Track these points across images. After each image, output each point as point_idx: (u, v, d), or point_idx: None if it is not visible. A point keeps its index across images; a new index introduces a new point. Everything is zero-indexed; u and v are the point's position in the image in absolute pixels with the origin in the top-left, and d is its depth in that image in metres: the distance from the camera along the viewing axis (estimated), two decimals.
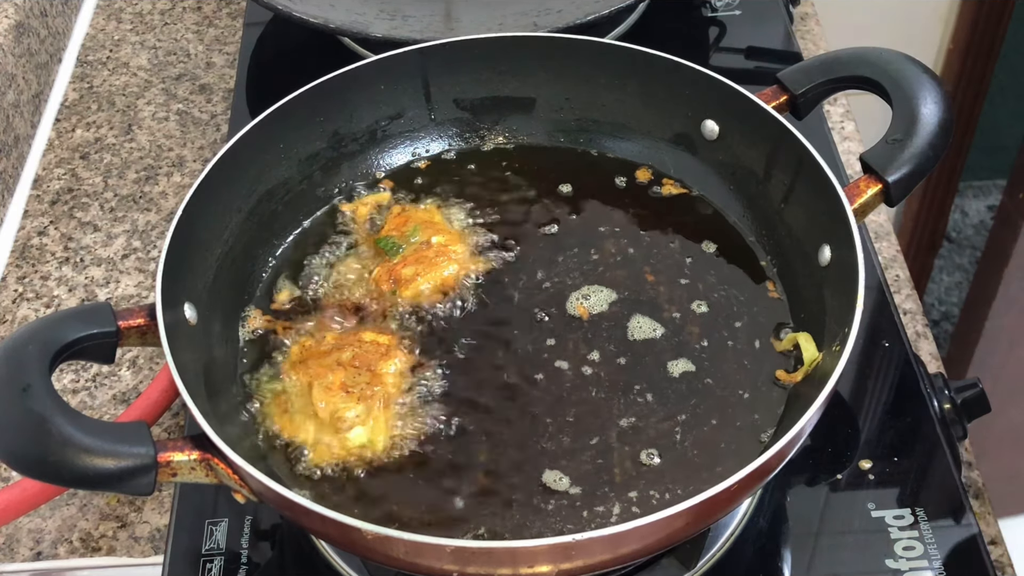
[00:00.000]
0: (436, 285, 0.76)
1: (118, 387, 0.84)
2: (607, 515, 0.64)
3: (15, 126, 1.01)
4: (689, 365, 0.71)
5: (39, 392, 0.57)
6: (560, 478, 0.65)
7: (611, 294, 0.75)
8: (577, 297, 0.75)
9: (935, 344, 0.85)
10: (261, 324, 0.74)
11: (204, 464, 0.60)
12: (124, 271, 0.92)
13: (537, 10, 0.98)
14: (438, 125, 0.86)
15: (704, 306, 0.74)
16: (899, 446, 0.73)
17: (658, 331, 0.73)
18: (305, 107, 0.79)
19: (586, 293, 0.75)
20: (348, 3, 1.00)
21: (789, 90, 0.76)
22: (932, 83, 0.73)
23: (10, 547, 0.75)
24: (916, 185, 0.71)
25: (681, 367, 0.71)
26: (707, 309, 0.74)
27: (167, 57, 1.13)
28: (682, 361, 0.71)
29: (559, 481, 0.65)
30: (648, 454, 0.66)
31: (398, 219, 0.80)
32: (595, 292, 0.75)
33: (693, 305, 0.74)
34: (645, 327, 0.73)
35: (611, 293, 0.75)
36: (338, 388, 0.68)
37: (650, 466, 0.66)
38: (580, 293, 0.75)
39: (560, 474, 0.66)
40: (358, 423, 0.67)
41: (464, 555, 0.56)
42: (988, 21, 1.64)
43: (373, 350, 0.71)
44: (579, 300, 0.75)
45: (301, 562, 0.70)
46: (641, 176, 0.83)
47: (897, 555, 0.68)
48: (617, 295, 0.75)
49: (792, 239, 0.75)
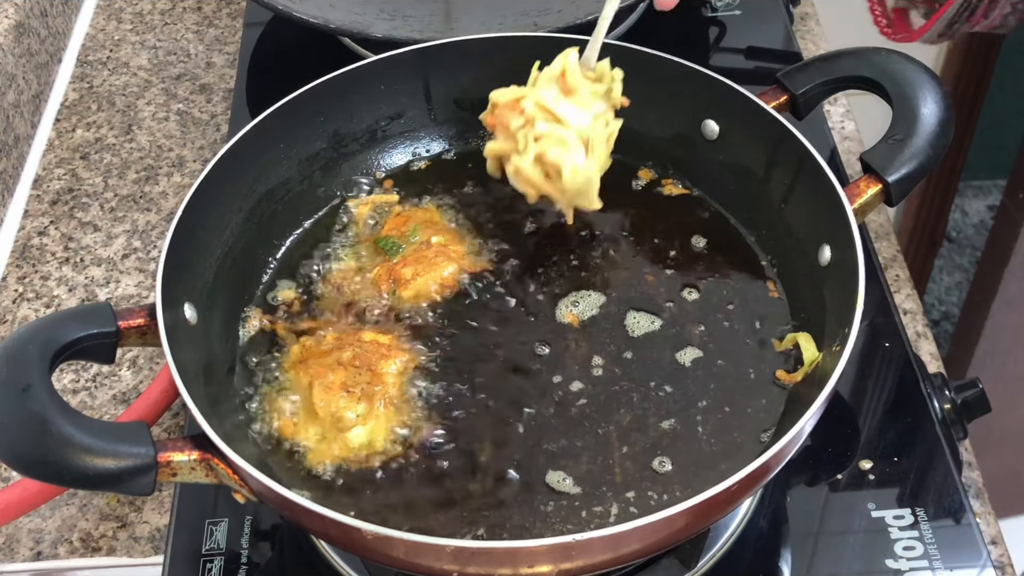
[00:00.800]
0: (436, 285, 0.76)
1: (118, 387, 0.84)
2: (606, 515, 0.64)
3: (15, 126, 1.01)
4: (689, 365, 0.71)
5: (39, 392, 0.57)
6: (564, 478, 0.66)
7: (611, 294, 0.75)
8: (573, 301, 0.75)
9: (935, 344, 0.85)
10: (261, 324, 0.74)
11: (204, 464, 0.60)
12: (124, 271, 0.92)
13: (537, 10, 0.98)
14: (438, 125, 0.86)
15: (704, 306, 0.74)
16: (899, 446, 0.73)
17: (657, 330, 0.73)
18: (305, 107, 0.79)
19: (581, 297, 0.75)
20: (348, 3, 1.00)
21: (789, 90, 0.76)
22: (932, 83, 0.73)
23: (10, 547, 0.75)
24: (916, 185, 0.71)
25: (680, 366, 0.71)
26: (707, 309, 0.74)
27: (167, 57, 1.13)
28: (682, 360, 0.71)
29: (562, 482, 0.65)
30: (648, 454, 0.66)
31: (398, 219, 0.80)
32: (593, 295, 0.75)
33: (693, 305, 0.74)
34: (643, 323, 0.73)
35: (611, 293, 0.75)
36: (338, 388, 0.68)
37: (651, 466, 0.66)
38: (573, 298, 0.75)
39: (563, 474, 0.66)
40: (359, 423, 0.67)
41: (464, 555, 0.56)
42: None
43: (373, 350, 0.71)
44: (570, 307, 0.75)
45: (301, 562, 0.70)
46: (643, 176, 0.83)
47: (897, 555, 0.68)
48: (616, 294, 0.75)
49: (792, 239, 0.75)
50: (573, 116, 0.73)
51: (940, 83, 0.73)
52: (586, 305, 0.75)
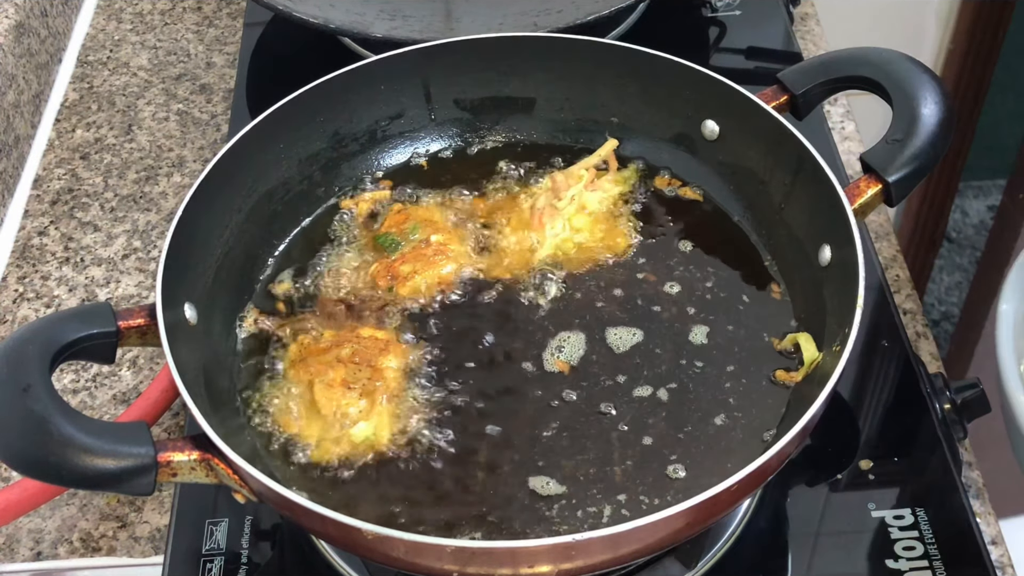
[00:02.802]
0: (433, 283, 0.76)
1: (118, 387, 0.84)
2: (599, 515, 0.64)
3: (15, 126, 1.01)
4: (689, 365, 0.71)
5: (39, 392, 0.57)
6: (564, 478, 0.65)
7: (609, 294, 0.75)
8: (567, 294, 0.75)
9: (935, 344, 0.85)
10: (259, 323, 0.74)
11: (204, 464, 0.60)
12: (124, 271, 0.92)
13: (537, 10, 0.98)
14: (438, 125, 0.86)
15: (704, 306, 0.74)
16: (899, 446, 0.73)
17: (657, 330, 0.73)
18: (305, 107, 0.79)
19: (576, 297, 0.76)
20: (348, 3, 1.00)
21: (789, 90, 0.76)
22: (932, 83, 0.73)
23: (10, 547, 0.75)
24: (916, 185, 0.71)
25: (680, 366, 0.71)
26: (707, 309, 0.74)
27: (167, 57, 1.13)
28: (682, 361, 0.71)
29: (556, 484, 0.65)
30: (649, 453, 0.66)
31: (398, 216, 0.80)
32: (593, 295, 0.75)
33: (693, 305, 0.74)
34: (642, 329, 0.73)
35: (608, 293, 0.75)
36: (339, 384, 0.68)
37: (652, 466, 0.66)
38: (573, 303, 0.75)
39: (563, 474, 0.66)
40: (361, 418, 0.67)
41: (464, 555, 0.56)
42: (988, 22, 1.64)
43: (372, 345, 0.71)
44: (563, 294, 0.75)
45: (301, 562, 0.70)
46: (659, 184, 0.82)
47: (897, 555, 0.68)
48: (616, 294, 0.75)
49: (792, 239, 0.75)
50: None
51: (940, 83, 0.73)
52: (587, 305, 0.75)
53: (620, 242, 0.77)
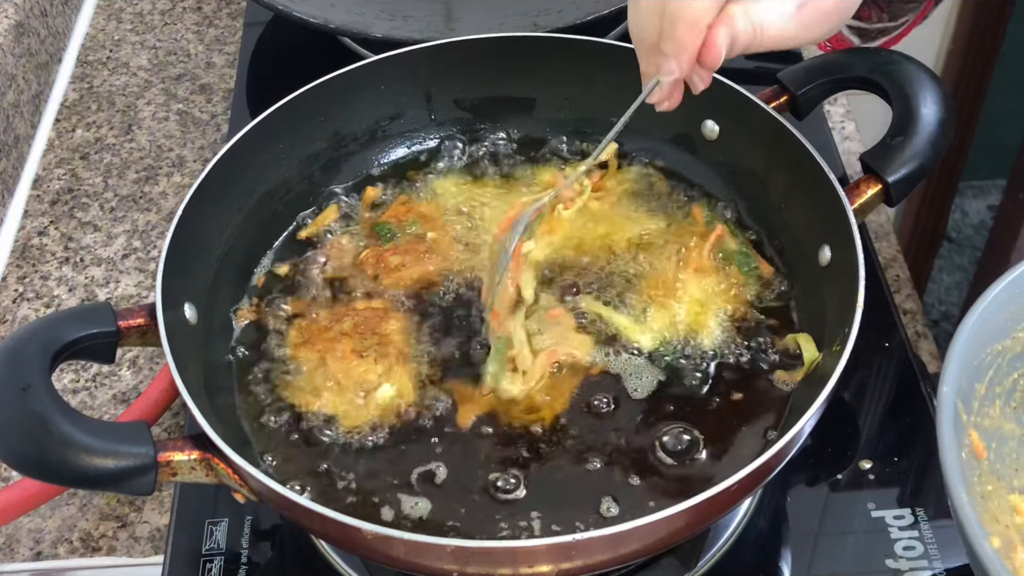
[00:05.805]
0: (418, 279, 0.76)
1: (118, 387, 0.84)
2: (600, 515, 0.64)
3: (15, 126, 1.01)
4: (689, 365, 0.71)
5: (39, 392, 0.57)
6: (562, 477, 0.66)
7: (608, 295, 0.75)
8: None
9: (935, 344, 0.84)
10: (252, 312, 0.74)
11: (204, 464, 0.60)
12: (124, 271, 0.92)
13: (537, 10, 0.99)
14: (438, 125, 0.86)
15: (704, 306, 0.74)
16: (899, 446, 0.73)
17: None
18: (305, 107, 0.79)
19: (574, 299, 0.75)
20: (348, 3, 1.00)
21: (789, 90, 0.76)
22: (932, 83, 0.73)
23: (10, 547, 0.75)
24: (916, 185, 0.71)
25: (680, 365, 0.71)
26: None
27: (167, 57, 1.13)
28: (682, 360, 0.71)
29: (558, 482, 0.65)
30: (649, 454, 0.66)
31: (401, 207, 0.80)
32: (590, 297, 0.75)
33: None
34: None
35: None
36: (351, 355, 0.70)
37: (653, 466, 0.66)
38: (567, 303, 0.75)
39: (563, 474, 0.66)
40: (383, 380, 0.69)
41: (464, 555, 0.55)
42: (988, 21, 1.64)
43: (372, 315, 0.72)
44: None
45: (301, 562, 0.70)
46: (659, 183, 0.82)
47: (897, 555, 0.68)
48: (615, 293, 0.75)
49: (792, 239, 0.75)
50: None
51: (940, 83, 0.73)
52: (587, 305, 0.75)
53: (620, 241, 0.77)
